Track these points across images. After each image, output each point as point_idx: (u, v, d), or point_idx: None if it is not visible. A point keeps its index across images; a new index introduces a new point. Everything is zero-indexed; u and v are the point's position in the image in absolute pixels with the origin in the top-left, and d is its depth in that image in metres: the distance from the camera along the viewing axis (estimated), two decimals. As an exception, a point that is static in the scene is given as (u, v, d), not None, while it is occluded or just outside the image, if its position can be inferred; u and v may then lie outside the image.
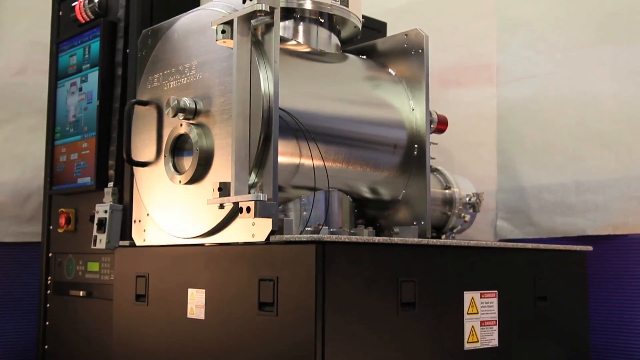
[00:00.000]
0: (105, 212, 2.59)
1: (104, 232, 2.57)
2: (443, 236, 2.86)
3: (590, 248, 2.65)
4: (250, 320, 1.99)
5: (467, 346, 2.20)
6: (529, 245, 2.44)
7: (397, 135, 2.53)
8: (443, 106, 2.94)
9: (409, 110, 2.56)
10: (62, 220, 2.86)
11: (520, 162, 3.30)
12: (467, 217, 2.87)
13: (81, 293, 2.80)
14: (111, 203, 2.60)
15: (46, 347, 2.98)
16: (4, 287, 3.58)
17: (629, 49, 2.97)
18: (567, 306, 2.55)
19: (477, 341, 2.23)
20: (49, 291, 3.01)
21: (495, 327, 2.29)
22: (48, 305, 3.00)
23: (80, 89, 2.84)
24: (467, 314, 2.21)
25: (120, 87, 2.70)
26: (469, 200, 2.86)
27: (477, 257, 2.27)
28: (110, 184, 2.66)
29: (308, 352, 1.83)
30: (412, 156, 2.54)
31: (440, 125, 2.76)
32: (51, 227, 3.02)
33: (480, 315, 2.25)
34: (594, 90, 3.05)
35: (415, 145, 2.53)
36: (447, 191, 2.84)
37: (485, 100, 3.40)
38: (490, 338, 2.27)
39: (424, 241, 2.13)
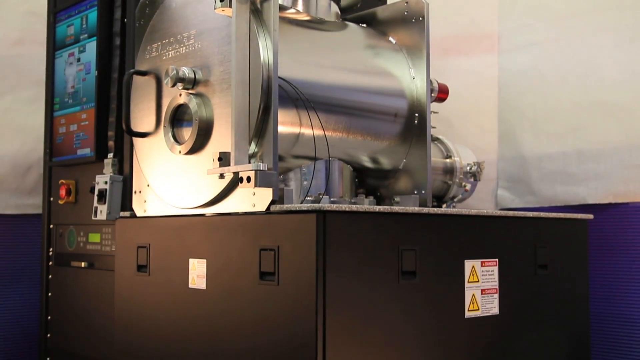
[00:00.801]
0: (106, 183, 2.58)
1: (104, 203, 2.57)
2: (444, 205, 2.86)
3: (590, 216, 2.65)
4: (251, 289, 2.00)
5: (467, 314, 2.21)
6: (530, 214, 2.44)
7: (397, 104, 2.52)
8: (444, 75, 2.92)
9: (410, 78, 2.54)
10: (63, 192, 2.85)
11: (521, 131, 3.29)
12: (468, 186, 2.86)
13: (83, 264, 2.80)
14: (111, 174, 2.60)
15: (49, 317, 3.00)
16: (6, 259, 3.59)
17: (632, 16, 2.94)
18: (567, 274, 2.55)
19: (478, 309, 2.24)
20: (50, 263, 3.02)
21: (496, 295, 2.29)
22: (50, 276, 3.01)
23: (79, 60, 2.82)
24: (468, 282, 2.22)
25: (119, 58, 2.68)
26: (470, 169, 2.85)
27: (477, 225, 2.27)
28: (110, 155, 2.65)
29: (309, 321, 1.83)
30: (413, 125, 2.53)
31: (441, 94, 2.75)
32: (52, 199, 3.02)
33: (481, 284, 2.25)
34: (596, 57, 3.03)
35: (416, 114, 2.52)
36: (447, 160, 2.83)
37: (486, 69, 3.38)
38: (491, 306, 2.28)
39: (425, 210, 2.13)
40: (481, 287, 2.25)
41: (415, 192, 2.47)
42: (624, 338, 3.07)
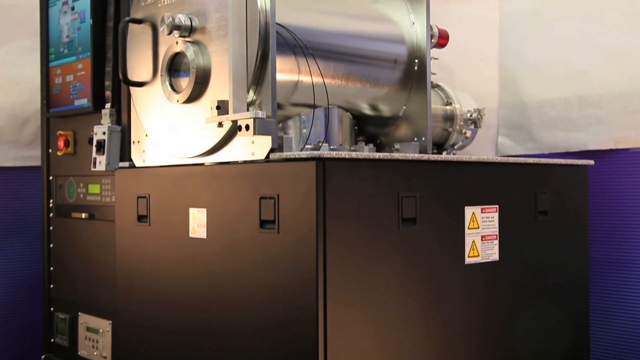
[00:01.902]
0: (104, 133, 2.57)
1: (103, 153, 2.56)
2: (444, 152, 2.85)
3: (591, 162, 2.64)
4: (251, 238, 2.00)
5: (467, 260, 2.22)
6: (530, 160, 2.43)
7: (397, 50, 2.48)
8: (444, 20, 2.88)
9: (409, 24, 2.50)
10: (61, 143, 2.84)
11: (522, 77, 3.25)
12: (468, 133, 2.85)
13: (83, 215, 2.81)
14: (109, 124, 2.58)
15: (52, 268, 3.02)
16: (7, 211, 3.60)
17: (636, -42, 2.89)
18: (567, 220, 2.56)
19: (478, 255, 2.25)
20: (51, 214, 3.03)
21: (496, 242, 2.30)
22: (51, 228, 3.02)
23: (73, 8, 2.77)
24: (468, 228, 2.22)
25: (114, 6, 2.63)
26: (470, 116, 2.83)
27: (478, 172, 2.27)
28: (108, 105, 2.62)
29: (310, 269, 1.84)
30: (413, 72, 2.50)
31: (441, 39, 2.71)
32: (50, 151, 3.01)
33: (481, 230, 2.26)
34: (599, 1, 2.99)
35: (416, 61, 2.49)
36: (448, 107, 2.81)
37: (487, 14, 3.33)
38: (491, 252, 2.29)
39: (425, 157, 2.12)
40: (481, 233, 2.26)
41: (415, 139, 2.46)
42: (622, 283, 3.10)
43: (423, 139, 2.44)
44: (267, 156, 1.98)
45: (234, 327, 2.06)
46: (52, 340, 3.00)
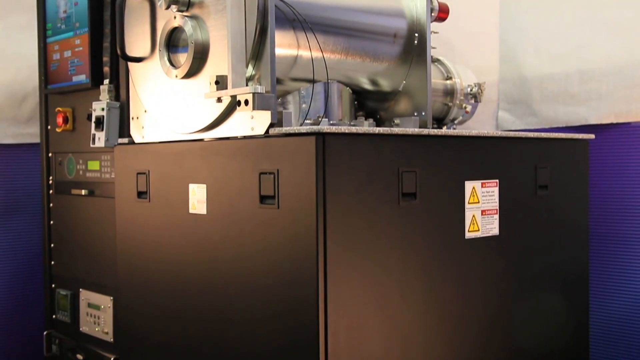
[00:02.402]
0: (103, 110, 2.56)
1: (102, 130, 2.55)
2: (444, 127, 2.84)
3: (592, 136, 2.64)
4: (251, 213, 2.00)
5: (467, 235, 2.22)
6: (531, 134, 2.42)
7: (397, 24, 2.46)
8: (444, -7, 2.85)
9: (409, -2, 2.48)
10: (60, 120, 2.83)
11: (522, 51, 3.23)
12: (469, 108, 2.84)
13: (83, 192, 2.80)
14: (108, 100, 2.57)
15: (52, 245, 3.02)
16: (7, 188, 3.59)
17: None
18: (567, 195, 2.55)
19: (478, 230, 2.25)
20: (51, 191, 3.02)
21: (496, 216, 2.30)
22: (51, 205, 3.02)
23: (70, -17, 2.75)
24: (468, 203, 2.22)
25: (111, -20, 2.61)
26: (471, 90, 2.82)
27: (478, 146, 2.26)
28: (106, 81, 2.61)
29: (310, 243, 1.84)
30: (413, 46, 2.48)
31: (441, 13, 2.69)
32: (49, 127, 3.00)
33: (481, 205, 2.26)
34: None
35: (416, 35, 2.47)
36: (448, 81, 2.80)
37: (487, -14, 3.31)
38: (491, 227, 2.29)
39: (425, 131, 2.11)
40: (481, 207, 2.26)
41: (415, 113, 2.45)
42: (621, 257, 3.10)
43: (423, 113, 2.43)
44: (267, 131, 1.97)
45: (235, 302, 2.06)
46: (53, 316, 3.01)
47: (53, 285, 3.02)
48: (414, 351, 2.06)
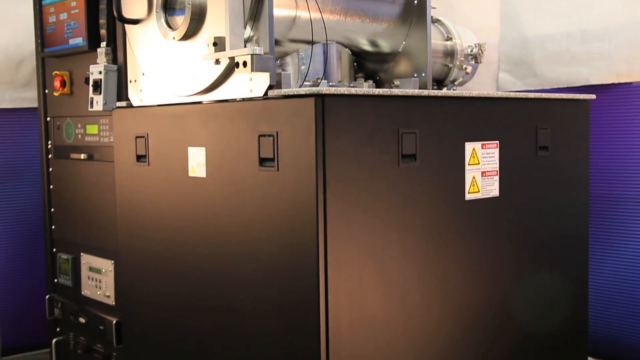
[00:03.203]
0: (100, 73, 2.53)
1: (100, 93, 2.53)
2: (444, 89, 2.82)
3: (593, 96, 2.62)
4: (251, 176, 1.99)
5: (467, 196, 2.22)
6: (531, 95, 2.41)
7: (396, -17, 2.43)
8: (444, -48, 2.82)
9: (409, -44, 2.44)
10: (57, 84, 2.81)
11: (524, 11, 3.20)
12: (469, 69, 2.81)
13: (82, 156, 2.80)
14: (105, 63, 2.55)
15: (52, 209, 3.03)
16: (5, 153, 3.59)
17: None
18: (568, 155, 2.55)
19: (478, 191, 2.25)
20: (50, 155, 3.02)
21: (496, 177, 2.30)
22: (50, 169, 3.02)
23: (64, -56, 2.71)
24: (468, 164, 2.21)
25: (106, -59, 2.57)
26: (471, 51, 2.79)
27: (478, 107, 2.25)
28: (103, 44, 2.59)
29: (310, 205, 1.84)
30: (412, 6, 2.45)
31: (442, -28, 2.65)
32: (47, 91, 2.98)
33: (481, 166, 2.25)
34: None
35: (416, -6, 2.44)
36: (448, 42, 2.77)
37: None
38: (491, 188, 2.29)
39: (425, 92, 2.09)
40: (481, 169, 2.25)
41: (415, 75, 2.43)
42: (621, 218, 3.11)
43: (423, 74, 2.41)
44: (266, 93, 1.96)
45: (235, 264, 2.07)
46: (55, 280, 3.03)
47: (54, 250, 3.03)
48: (413, 312, 2.07)
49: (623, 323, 3.24)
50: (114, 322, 2.63)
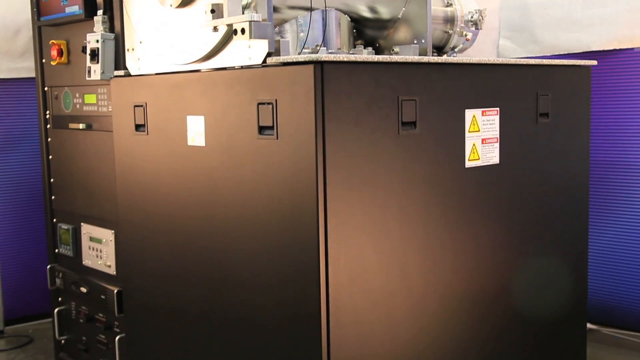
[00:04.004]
0: (97, 41, 2.51)
1: (97, 62, 2.51)
2: (444, 56, 2.79)
3: (594, 62, 2.60)
4: (250, 144, 1.99)
5: (467, 164, 2.21)
6: (532, 61, 2.39)
7: (396, -52, 2.40)
8: None
9: None
10: (54, 53, 2.79)
11: (524, -24, 3.17)
12: (469, 36, 2.79)
13: (80, 126, 2.79)
14: (102, 32, 2.52)
15: (52, 180, 3.02)
16: (5, 123, 3.58)
17: None
18: (569, 122, 2.54)
19: (478, 159, 2.24)
20: (48, 126, 3.00)
21: (497, 145, 2.29)
22: (49, 139, 3.01)
23: None
24: (468, 132, 2.20)
25: None
26: (471, 17, 2.76)
27: (478, 74, 2.23)
28: (100, 12, 2.56)
29: (309, 174, 1.83)
30: (412, -29, 2.43)
31: (442, -64, 2.62)
32: (44, 61, 2.96)
33: (482, 133, 2.24)
34: None
35: (416, -41, 2.41)
36: (448, 8, 2.74)
37: None
38: (492, 155, 2.28)
39: (425, 59, 2.08)
40: (482, 136, 2.24)
41: (415, 41, 2.41)
42: (621, 184, 3.10)
43: (423, 41, 2.39)
44: (264, 61, 1.94)
45: (235, 233, 2.07)
46: (56, 250, 3.04)
47: (54, 220, 3.04)
48: (413, 280, 2.08)
49: (622, 289, 3.26)
50: (115, 291, 2.65)
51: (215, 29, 1.99)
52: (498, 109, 2.28)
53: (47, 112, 2.99)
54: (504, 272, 2.36)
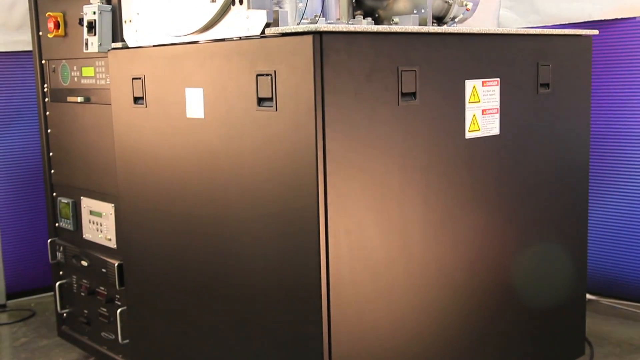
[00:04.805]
0: (94, 13, 2.49)
1: (94, 34, 2.49)
2: (444, 26, 2.77)
3: (595, 32, 2.57)
4: (249, 116, 1.98)
5: (468, 135, 2.20)
6: (532, 31, 2.37)
7: None
8: None
9: None
10: (51, 25, 2.76)
11: (526, -56, 3.13)
12: (469, 5, 2.75)
13: (79, 99, 2.77)
14: (99, 3, 2.49)
15: (51, 154, 3.01)
16: (4, 97, 3.56)
17: None
18: (569, 93, 2.52)
19: (479, 129, 2.23)
20: (46, 99, 2.99)
21: (497, 115, 2.28)
22: (48, 113, 2.99)
23: None
24: (469, 102, 2.19)
25: None
26: (472, -13, 2.73)
27: (479, 44, 2.21)
28: (96, -17, 2.54)
29: (309, 145, 1.82)
30: (412, -60, 2.39)
31: None
32: (41, 34, 2.93)
33: (482, 104, 2.23)
34: None
35: None
36: (448, -22, 2.71)
37: None
38: (492, 126, 2.27)
39: (425, 29, 2.06)
40: (482, 107, 2.23)
41: (415, 11, 2.39)
42: (622, 155, 3.10)
43: (423, 11, 2.37)
44: (263, 31, 1.92)
45: (235, 205, 2.07)
46: (57, 224, 3.04)
47: (54, 194, 3.03)
48: (413, 251, 2.08)
49: (622, 260, 3.27)
50: (116, 264, 2.65)
51: (213, -1, 1.97)
52: (498, 79, 2.26)
53: (45, 85, 2.97)
54: (504, 242, 2.36)
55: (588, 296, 3.21)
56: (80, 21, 2.58)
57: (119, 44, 2.47)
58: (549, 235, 2.52)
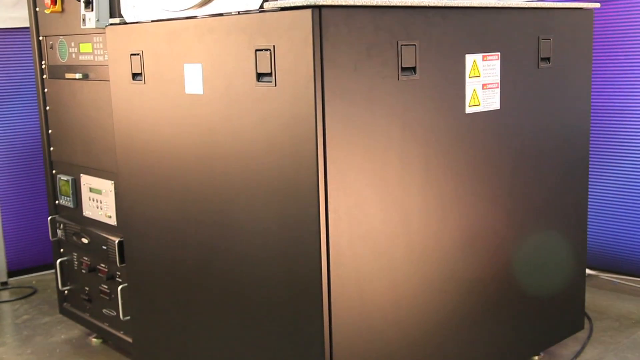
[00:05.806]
0: (91, -12, 2.47)
1: (92, 10, 2.47)
2: (444, 0, 2.75)
3: (597, 5, 2.55)
4: (249, 91, 1.97)
5: (468, 109, 2.19)
6: (533, 4, 2.35)
7: None
8: None
9: None
10: (48, 1, 2.74)
11: None
12: (470, -21, 2.74)
13: (77, 76, 2.76)
14: (96, -21, 2.48)
15: (50, 131, 3.01)
16: (2, 75, 3.54)
17: None
18: (570, 67, 2.51)
19: (479, 104, 2.22)
20: (45, 76, 2.97)
21: (497, 90, 2.27)
22: (46, 90, 2.98)
23: None
24: (469, 77, 2.18)
25: None
26: (472, -40, 2.70)
27: (479, 18, 2.20)
28: (93, -42, 2.51)
29: (308, 121, 1.82)
30: None
31: None
32: (37, 9, 2.91)
33: (482, 78, 2.22)
34: None
35: None
36: (448, -49, 2.68)
37: None
38: (492, 101, 2.26)
39: (425, 2, 2.04)
40: (482, 81, 2.22)
41: (415, -15, 2.37)
42: (623, 130, 3.09)
43: (423, -15, 2.35)
44: (261, 6, 1.91)
45: (233, 181, 2.07)
46: (57, 202, 3.04)
47: (54, 171, 3.03)
48: (413, 227, 2.08)
49: (621, 235, 3.28)
50: (117, 241, 2.65)
51: (210, -27, 1.95)
52: (499, 53, 2.25)
53: (43, 62, 2.96)
54: (505, 217, 2.36)
55: (587, 271, 3.21)
56: (78, -3, 2.56)
57: (116, 20, 2.46)
58: (548, 210, 2.52)
